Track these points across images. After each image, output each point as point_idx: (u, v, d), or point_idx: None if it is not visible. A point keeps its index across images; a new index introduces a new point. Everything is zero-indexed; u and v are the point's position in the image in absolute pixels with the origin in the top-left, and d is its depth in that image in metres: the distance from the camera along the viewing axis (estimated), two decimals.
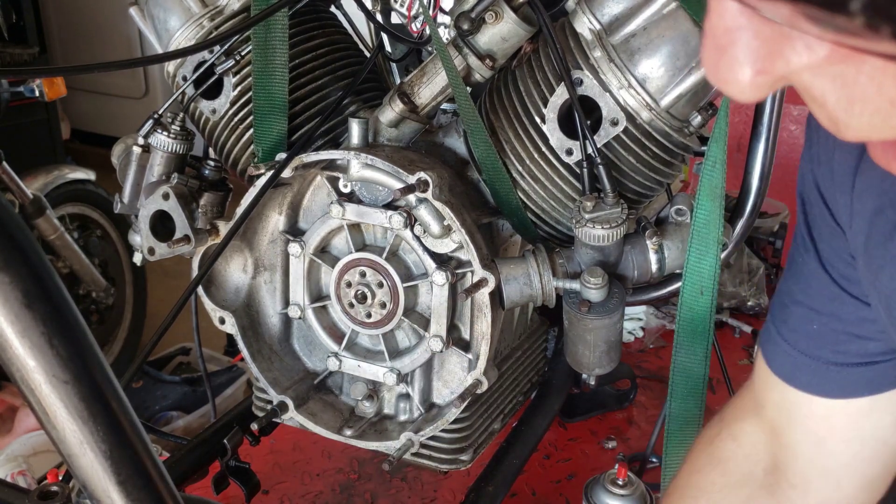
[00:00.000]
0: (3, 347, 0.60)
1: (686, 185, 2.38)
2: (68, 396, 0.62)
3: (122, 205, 1.26)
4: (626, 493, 1.21)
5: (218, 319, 1.23)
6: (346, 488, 1.53)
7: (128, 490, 0.66)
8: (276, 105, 1.16)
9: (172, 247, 1.16)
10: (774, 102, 1.15)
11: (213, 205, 1.22)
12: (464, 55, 1.07)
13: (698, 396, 1.08)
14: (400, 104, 1.11)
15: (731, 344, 2.18)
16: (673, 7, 1.01)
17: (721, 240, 1.01)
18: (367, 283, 1.15)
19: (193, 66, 1.21)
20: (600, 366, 1.10)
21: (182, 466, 1.30)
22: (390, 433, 1.22)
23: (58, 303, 0.61)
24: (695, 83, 1.03)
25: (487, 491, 1.23)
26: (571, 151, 1.07)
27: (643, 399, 1.85)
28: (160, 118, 1.21)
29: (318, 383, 1.27)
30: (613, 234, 1.03)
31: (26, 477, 1.98)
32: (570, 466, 1.60)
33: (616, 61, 1.03)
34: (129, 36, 5.18)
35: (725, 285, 2.25)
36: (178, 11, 1.22)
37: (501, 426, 1.32)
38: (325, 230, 1.18)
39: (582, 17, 1.05)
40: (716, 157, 1.01)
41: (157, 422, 2.52)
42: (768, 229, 2.45)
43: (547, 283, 1.08)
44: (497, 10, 1.04)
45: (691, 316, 1.04)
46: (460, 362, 1.18)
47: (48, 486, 0.79)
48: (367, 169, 1.10)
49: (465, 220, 1.08)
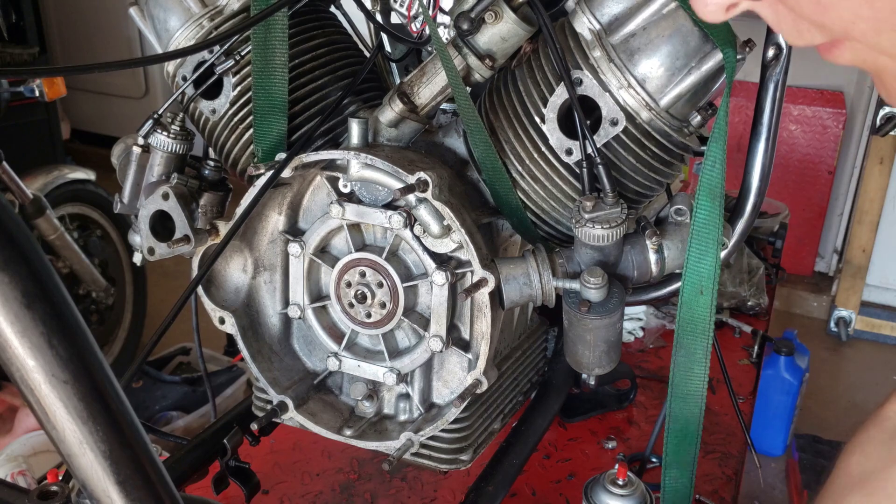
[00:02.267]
0: (3, 347, 0.60)
1: (686, 185, 2.38)
2: (68, 396, 0.62)
3: (122, 205, 1.26)
4: (626, 493, 1.21)
5: (218, 319, 1.23)
6: (346, 488, 1.53)
7: (127, 490, 0.66)
8: (276, 105, 1.16)
9: (172, 247, 1.16)
10: (774, 102, 1.15)
11: (212, 205, 1.22)
12: (463, 55, 1.08)
13: (698, 396, 1.07)
14: (400, 104, 1.11)
15: (731, 344, 2.18)
16: (672, 7, 1.01)
17: (721, 240, 1.01)
18: (367, 283, 1.15)
19: (193, 66, 1.21)
20: (600, 366, 1.10)
21: (182, 466, 1.30)
22: (390, 433, 1.22)
23: (58, 303, 0.61)
24: (694, 83, 1.03)
25: (487, 491, 1.23)
26: (571, 151, 1.07)
27: (643, 399, 1.85)
28: (160, 118, 1.21)
29: (317, 383, 1.27)
30: (613, 234, 1.03)
31: (26, 477, 1.98)
32: (570, 466, 1.61)
33: (616, 61, 1.03)
34: (129, 36, 5.19)
35: (725, 285, 2.25)
36: (178, 11, 1.22)
37: (501, 426, 1.32)
38: (325, 230, 1.18)
39: (582, 17, 1.05)
40: (716, 157, 1.00)
41: (157, 422, 2.52)
42: (768, 229, 2.45)
43: (547, 283, 1.08)
44: (497, 10, 1.04)
45: (691, 316, 1.04)
46: (460, 362, 1.19)
47: (48, 486, 0.79)
48: (367, 169, 1.10)
49: (464, 220, 1.08)
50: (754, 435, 1.71)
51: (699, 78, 1.02)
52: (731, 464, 1.64)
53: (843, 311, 3.99)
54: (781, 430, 2.61)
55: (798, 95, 3.95)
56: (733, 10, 0.64)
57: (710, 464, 1.63)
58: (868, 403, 3.36)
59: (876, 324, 3.98)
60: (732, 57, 0.99)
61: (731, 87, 1.01)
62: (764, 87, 1.14)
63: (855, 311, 3.98)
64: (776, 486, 2.69)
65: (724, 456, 1.67)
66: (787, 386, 2.44)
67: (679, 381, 1.06)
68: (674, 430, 1.08)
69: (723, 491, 1.56)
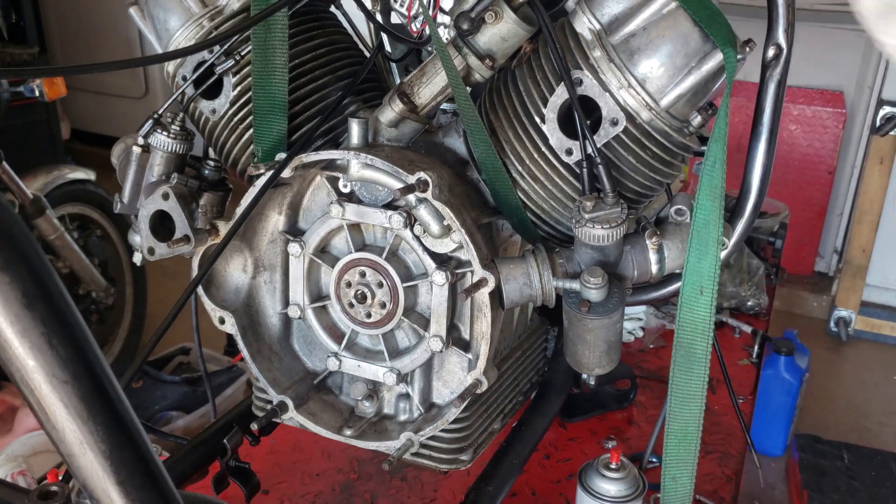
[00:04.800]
0: (3, 347, 0.60)
1: (686, 185, 2.38)
2: (68, 396, 0.62)
3: (122, 205, 1.26)
4: (619, 477, 1.22)
5: (218, 319, 1.23)
6: (346, 488, 1.53)
7: (127, 490, 0.66)
8: (276, 105, 1.16)
9: (172, 247, 1.16)
10: (775, 102, 1.15)
11: (212, 205, 1.22)
12: (463, 55, 1.07)
13: (698, 396, 1.07)
14: (400, 104, 1.11)
15: (731, 344, 2.18)
16: (673, 7, 1.01)
17: (721, 240, 1.01)
18: (367, 283, 1.15)
19: (193, 66, 1.21)
20: (600, 366, 1.10)
21: (182, 466, 1.30)
22: (390, 433, 1.22)
23: (58, 303, 0.61)
24: (694, 83, 1.03)
25: (487, 491, 1.23)
26: (571, 151, 1.07)
27: (643, 399, 1.85)
28: (160, 118, 1.21)
29: (317, 383, 1.27)
30: (613, 234, 1.03)
31: (26, 477, 1.98)
32: (570, 466, 1.61)
33: (616, 61, 1.03)
34: (129, 36, 5.19)
35: (725, 285, 2.25)
36: (178, 11, 1.22)
37: (501, 426, 1.32)
38: (325, 230, 1.18)
39: (582, 17, 1.05)
40: (716, 157, 1.00)
41: (157, 422, 2.52)
42: (768, 229, 2.46)
43: (547, 283, 1.08)
44: (497, 10, 1.04)
45: (691, 316, 1.04)
46: (460, 362, 1.18)
47: (48, 486, 0.79)
48: (367, 169, 1.10)
49: (464, 220, 1.08)
50: (754, 435, 1.71)
51: (699, 78, 1.02)
52: (731, 464, 1.65)
53: (843, 311, 3.99)
54: (781, 430, 2.61)
55: (798, 95, 3.95)
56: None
57: (710, 464, 1.63)
58: (868, 403, 3.37)
59: (876, 324, 3.98)
60: (732, 57, 0.99)
61: (731, 87, 1.01)
62: (764, 87, 1.14)
63: (855, 311, 3.98)
64: (776, 486, 2.69)
65: (724, 456, 1.67)
66: (787, 386, 2.44)
67: (679, 381, 1.06)
68: (674, 430, 1.08)
69: (723, 491, 1.56)
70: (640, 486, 1.24)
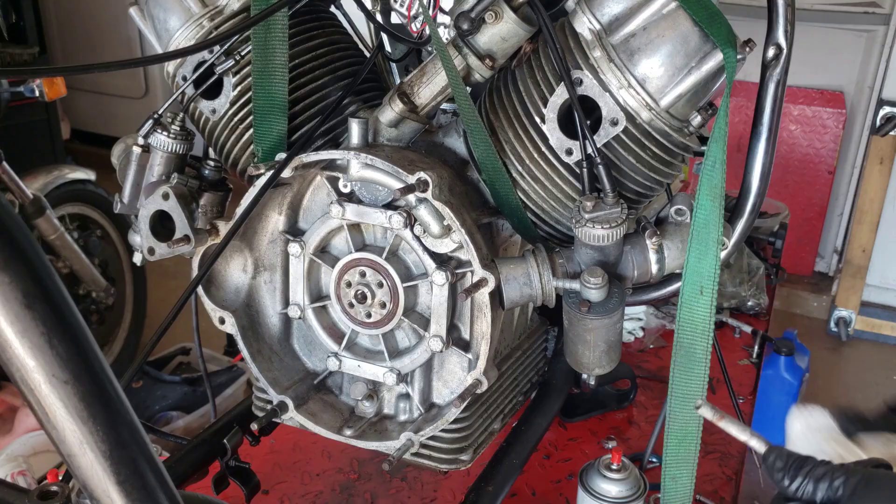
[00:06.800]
0: (3, 347, 0.60)
1: (686, 185, 2.38)
2: (68, 396, 0.62)
3: (122, 205, 1.26)
4: (620, 478, 1.22)
5: (218, 319, 1.23)
6: (346, 488, 1.53)
7: (127, 490, 0.66)
8: (276, 105, 1.16)
9: (172, 247, 1.16)
10: (775, 102, 1.15)
11: (213, 205, 1.22)
12: (463, 55, 1.07)
13: (698, 396, 1.07)
14: (400, 104, 1.11)
15: (731, 344, 2.18)
16: (672, 7, 1.01)
17: (721, 240, 1.01)
18: (367, 283, 1.15)
19: (193, 66, 1.21)
20: (600, 366, 1.10)
21: (182, 466, 1.30)
22: (390, 433, 1.22)
23: (58, 303, 0.61)
24: (694, 83, 1.03)
25: (487, 491, 1.23)
26: (571, 151, 1.07)
27: (643, 399, 1.85)
28: (160, 118, 1.21)
29: (318, 383, 1.27)
30: (613, 234, 1.03)
31: (26, 477, 1.98)
32: (570, 466, 1.60)
33: (616, 61, 1.03)
34: (129, 36, 5.19)
35: (725, 285, 2.25)
36: (178, 11, 1.22)
37: (501, 426, 1.32)
38: (325, 230, 1.18)
39: (582, 17, 1.05)
40: (716, 157, 1.00)
41: (157, 422, 2.52)
42: (768, 229, 2.45)
43: (547, 283, 1.08)
44: (497, 10, 1.04)
45: (691, 316, 1.04)
46: (460, 362, 1.18)
47: (48, 486, 0.79)
48: (367, 169, 1.10)
49: (465, 220, 1.08)
50: None
51: (699, 78, 1.02)
52: (731, 464, 1.64)
53: (843, 311, 3.99)
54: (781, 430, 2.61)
55: (798, 95, 3.95)
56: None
57: (710, 464, 1.63)
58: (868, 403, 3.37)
59: (876, 324, 3.98)
60: (732, 57, 0.99)
61: (731, 87, 1.01)
62: (764, 87, 1.14)
63: (855, 311, 3.98)
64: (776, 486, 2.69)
65: (724, 456, 1.67)
66: (787, 386, 2.43)
67: (679, 381, 1.06)
68: (674, 430, 1.08)
69: (723, 491, 1.56)
70: (642, 486, 1.24)
